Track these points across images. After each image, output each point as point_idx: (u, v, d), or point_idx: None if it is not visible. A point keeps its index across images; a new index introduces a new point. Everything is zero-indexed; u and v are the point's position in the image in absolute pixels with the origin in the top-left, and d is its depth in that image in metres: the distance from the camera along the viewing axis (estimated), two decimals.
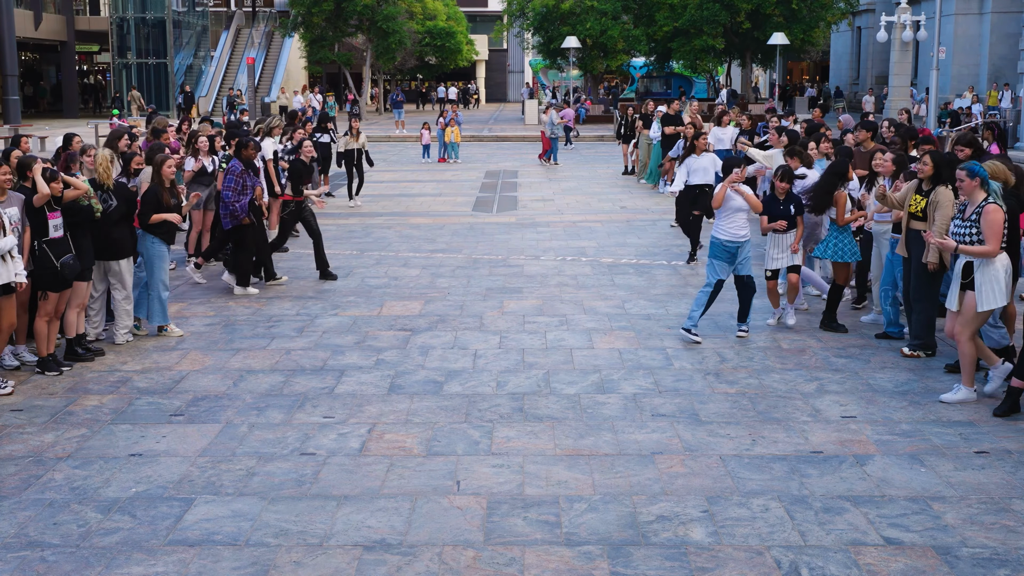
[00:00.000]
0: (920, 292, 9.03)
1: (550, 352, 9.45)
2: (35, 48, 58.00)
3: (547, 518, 5.96)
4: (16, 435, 7.33)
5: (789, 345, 9.64)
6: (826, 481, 6.46)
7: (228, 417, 7.70)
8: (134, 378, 8.68)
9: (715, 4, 41.56)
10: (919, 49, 42.39)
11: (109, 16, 51.84)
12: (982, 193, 7.80)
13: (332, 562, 5.44)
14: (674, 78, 49.33)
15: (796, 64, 66.59)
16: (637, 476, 6.55)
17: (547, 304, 11.40)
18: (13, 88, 39.63)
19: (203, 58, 55.01)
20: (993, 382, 8.05)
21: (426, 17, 53.77)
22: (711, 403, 7.97)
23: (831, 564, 5.38)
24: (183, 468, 6.72)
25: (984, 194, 7.79)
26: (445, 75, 64.26)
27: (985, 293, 7.67)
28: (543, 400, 8.08)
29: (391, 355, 9.35)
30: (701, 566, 5.37)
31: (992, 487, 6.36)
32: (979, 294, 7.69)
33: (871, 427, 7.43)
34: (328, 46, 49.35)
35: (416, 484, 6.45)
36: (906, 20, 33.94)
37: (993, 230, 7.60)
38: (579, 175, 25.30)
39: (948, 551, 5.52)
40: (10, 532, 5.80)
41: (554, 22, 46.26)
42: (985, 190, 7.81)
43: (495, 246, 15.17)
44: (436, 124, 29.62)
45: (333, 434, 7.33)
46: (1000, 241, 7.66)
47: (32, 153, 10.31)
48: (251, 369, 8.94)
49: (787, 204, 9.86)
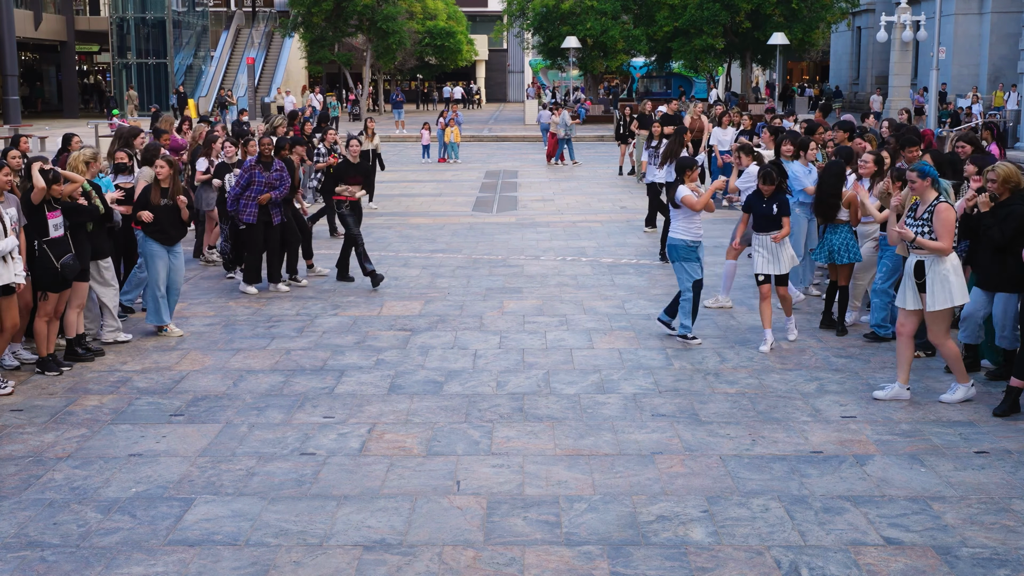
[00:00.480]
0: None
1: (550, 352, 9.45)
2: (35, 48, 58.01)
3: (547, 518, 5.96)
4: (16, 435, 7.34)
5: (789, 345, 9.63)
6: (826, 481, 6.46)
7: (228, 417, 7.70)
8: (134, 378, 8.68)
9: (715, 4, 41.55)
10: (919, 49, 42.39)
11: (109, 16, 51.87)
12: (933, 192, 7.85)
13: (332, 562, 5.44)
14: (674, 78, 49.35)
15: (796, 64, 66.60)
16: (637, 476, 6.55)
17: (547, 304, 11.40)
18: (13, 88, 39.64)
19: (203, 58, 55.04)
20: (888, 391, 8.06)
21: (426, 17, 53.77)
22: (711, 403, 7.97)
23: (831, 564, 5.38)
24: (183, 468, 6.72)
25: (936, 193, 7.85)
26: (445, 75, 64.26)
27: (936, 293, 7.71)
28: (543, 400, 8.08)
29: (391, 355, 9.35)
30: (701, 566, 5.37)
31: (992, 487, 6.36)
32: (929, 295, 7.73)
33: (871, 427, 7.43)
34: (328, 46, 49.35)
35: (416, 484, 6.45)
36: (906, 20, 33.95)
37: (946, 228, 7.67)
38: (579, 175, 25.31)
39: (948, 551, 5.52)
40: (10, 532, 5.80)
41: (554, 22, 46.27)
42: (936, 189, 7.87)
43: (495, 246, 15.17)
44: (436, 124, 29.61)
45: (333, 434, 7.33)
46: (952, 239, 7.74)
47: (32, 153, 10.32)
48: (251, 369, 8.94)
49: (770, 203, 9.59)
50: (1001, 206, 8.14)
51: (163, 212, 9.86)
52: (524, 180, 24.37)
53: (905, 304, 7.93)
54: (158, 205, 9.83)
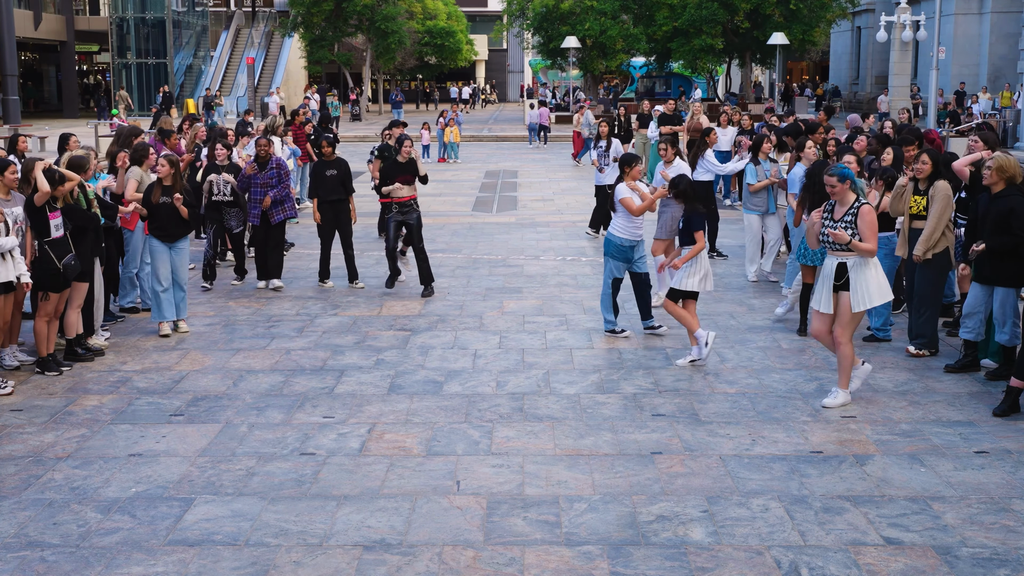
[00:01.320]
0: (926, 291, 9.03)
1: (550, 352, 9.45)
2: (35, 48, 58.04)
3: (547, 518, 5.96)
4: (16, 435, 7.33)
5: (789, 345, 9.63)
6: (826, 481, 6.46)
7: (228, 417, 7.70)
8: (134, 378, 8.68)
9: (713, 3, 41.52)
10: (919, 49, 42.38)
11: (109, 16, 51.88)
12: (852, 195, 7.85)
13: (332, 562, 5.44)
14: (674, 78, 49.33)
15: (796, 64, 66.60)
16: (637, 476, 6.55)
17: (547, 304, 11.40)
18: (13, 88, 39.65)
19: (203, 58, 55.04)
20: (854, 382, 8.01)
21: (426, 17, 53.80)
22: (711, 403, 7.97)
23: (831, 564, 5.38)
24: (183, 468, 6.72)
25: (855, 195, 7.86)
26: (444, 75, 64.26)
27: (860, 294, 7.71)
28: (543, 400, 8.08)
29: (391, 355, 9.35)
30: (701, 566, 5.37)
31: (992, 487, 6.36)
32: (854, 295, 7.71)
33: (871, 427, 7.43)
34: (328, 46, 49.36)
35: (416, 484, 6.45)
36: (906, 20, 33.94)
37: (872, 229, 7.71)
38: (579, 175, 25.30)
39: (948, 551, 5.52)
40: (10, 532, 5.80)
41: (554, 22, 46.26)
42: (854, 191, 7.88)
43: (495, 246, 15.17)
44: (436, 124, 29.61)
45: (333, 434, 7.33)
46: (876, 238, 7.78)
47: (32, 153, 10.32)
48: (251, 369, 8.94)
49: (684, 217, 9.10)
50: (997, 197, 8.14)
51: (163, 210, 9.90)
52: (524, 180, 24.37)
53: (820, 306, 7.88)
54: (158, 203, 9.87)
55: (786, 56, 48.55)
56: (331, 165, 12.15)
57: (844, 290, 7.74)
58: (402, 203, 11.73)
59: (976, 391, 8.20)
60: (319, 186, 12.16)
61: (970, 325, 8.51)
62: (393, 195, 11.70)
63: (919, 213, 9.01)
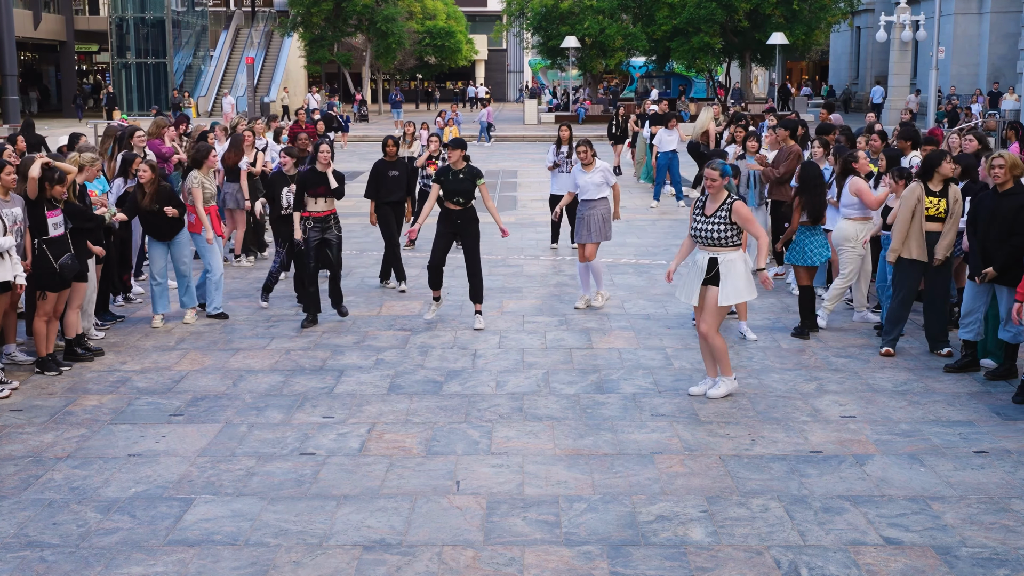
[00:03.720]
0: (938, 291, 9.04)
1: (550, 352, 9.45)
2: (34, 48, 58.01)
3: (547, 518, 5.96)
4: (16, 435, 7.33)
5: (789, 345, 9.64)
6: (826, 481, 6.46)
7: (228, 417, 7.70)
8: (133, 378, 8.68)
9: (712, 3, 41.50)
10: (919, 49, 42.40)
11: (108, 16, 51.88)
12: (724, 192, 7.91)
13: (332, 562, 5.44)
14: (674, 78, 49.34)
15: (796, 64, 66.63)
16: (637, 476, 6.55)
17: (547, 304, 11.40)
18: (12, 88, 39.66)
19: (202, 58, 55.04)
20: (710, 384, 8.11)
21: (426, 17, 53.80)
22: (711, 403, 7.97)
23: (831, 564, 5.38)
24: (183, 468, 6.72)
25: (726, 193, 7.91)
26: (444, 75, 64.28)
27: (729, 288, 7.78)
28: (543, 400, 8.08)
29: (391, 355, 9.35)
30: (701, 566, 5.37)
31: (992, 487, 6.36)
32: (723, 289, 7.80)
33: (871, 427, 7.43)
34: (327, 46, 49.36)
35: (416, 484, 6.45)
36: (905, 20, 33.98)
37: (752, 218, 7.84)
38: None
39: (948, 551, 5.52)
40: (10, 532, 5.79)
41: (553, 22, 46.27)
42: (727, 189, 7.94)
43: (495, 246, 15.17)
44: (434, 124, 29.58)
45: (333, 434, 7.33)
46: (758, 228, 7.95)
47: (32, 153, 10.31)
48: (251, 369, 8.94)
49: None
50: (1004, 195, 8.12)
51: (153, 215, 10.13)
52: (524, 180, 24.36)
53: (688, 299, 8.01)
54: (148, 208, 10.10)
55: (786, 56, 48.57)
56: (393, 166, 11.98)
57: (713, 284, 7.84)
58: (320, 218, 10.32)
59: (976, 391, 8.20)
60: (380, 186, 11.82)
61: (969, 325, 8.52)
62: (309, 209, 10.33)
63: (938, 215, 8.92)
